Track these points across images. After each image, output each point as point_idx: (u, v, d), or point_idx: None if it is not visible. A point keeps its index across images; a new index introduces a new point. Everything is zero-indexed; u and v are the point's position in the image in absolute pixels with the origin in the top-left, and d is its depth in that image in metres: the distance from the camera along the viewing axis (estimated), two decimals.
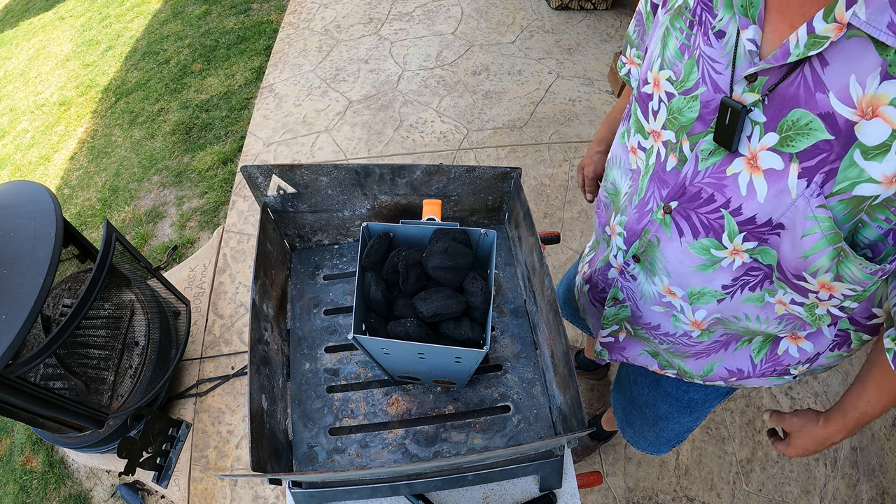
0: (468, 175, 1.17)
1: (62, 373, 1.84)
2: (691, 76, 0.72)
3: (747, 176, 0.68)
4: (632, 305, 1.04)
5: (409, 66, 3.55)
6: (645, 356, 1.17)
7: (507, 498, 1.05)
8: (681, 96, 0.74)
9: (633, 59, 1.05)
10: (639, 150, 0.89)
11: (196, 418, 2.16)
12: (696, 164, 0.74)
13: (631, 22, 1.03)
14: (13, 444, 2.27)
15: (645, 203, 0.88)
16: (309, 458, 1.05)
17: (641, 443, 1.44)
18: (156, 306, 2.11)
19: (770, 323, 0.85)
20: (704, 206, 0.76)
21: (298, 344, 1.19)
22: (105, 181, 3.16)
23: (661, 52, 0.78)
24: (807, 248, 0.66)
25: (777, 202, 0.66)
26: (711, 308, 0.87)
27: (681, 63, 0.73)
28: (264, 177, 1.12)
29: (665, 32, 0.77)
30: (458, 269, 0.93)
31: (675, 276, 0.87)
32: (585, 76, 3.47)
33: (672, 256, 0.85)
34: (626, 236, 0.96)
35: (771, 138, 0.64)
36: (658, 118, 0.80)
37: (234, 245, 2.67)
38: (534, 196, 2.83)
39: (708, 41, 0.69)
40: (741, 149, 0.68)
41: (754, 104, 0.65)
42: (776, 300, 0.80)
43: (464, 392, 1.12)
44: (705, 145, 0.72)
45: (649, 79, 0.81)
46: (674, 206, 0.80)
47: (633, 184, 0.93)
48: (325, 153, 3.06)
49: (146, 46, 4.05)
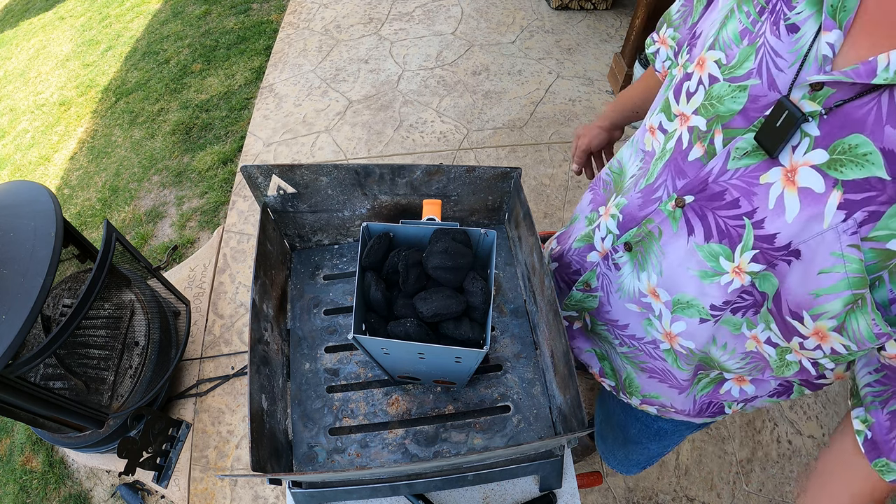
0: (468, 175, 1.17)
1: (62, 373, 1.84)
2: (745, 64, 0.65)
3: (780, 189, 0.62)
4: (602, 297, 0.98)
5: (409, 66, 3.55)
6: (591, 355, 1.12)
7: (507, 498, 1.05)
8: (726, 82, 0.67)
9: (665, 38, 0.98)
10: (658, 131, 0.82)
11: (196, 418, 2.16)
12: (725, 160, 0.67)
13: (677, 2, 0.95)
14: (13, 443, 2.27)
15: (653, 189, 0.81)
16: (309, 458, 1.05)
17: (611, 460, 1.44)
18: (156, 306, 2.11)
19: (734, 357, 0.81)
20: (726, 210, 0.69)
21: (298, 344, 1.19)
22: (105, 181, 3.16)
23: (716, 33, 0.71)
24: (821, 286, 0.60)
25: (804, 226, 0.60)
26: (691, 326, 0.81)
27: (737, 47, 0.66)
28: (264, 177, 1.12)
29: (728, 14, 0.70)
30: (458, 269, 0.93)
31: (667, 276, 0.81)
32: (585, 76, 3.47)
33: (672, 255, 0.79)
34: (620, 220, 0.89)
35: (819, 155, 0.58)
36: (691, 101, 0.73)
37: (234, 245, 2.67)
38: (534, 196, 2.83)
39: (776, 32, 0.62)
40: (782, 158, 0.61)
41: (812, 114, 0.58)
42: (751, 335, 0.75)
43: (464, 392, 1.12)
44: (742, 143, 0.65)
45: (694, 58, 0.74)
46: (688, 201, 0.73)
47: (643, 167, 0.87)
48: (325, 153, 3.06)
49: (146, 46, 4.05)
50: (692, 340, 0.83)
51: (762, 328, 0.72)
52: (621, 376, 1.07)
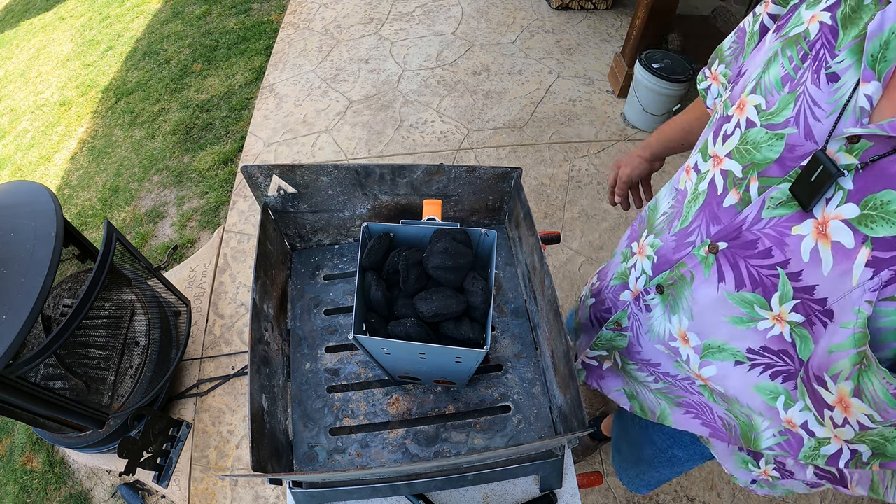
0: (468, 175, 1.17)
1: (63, 373, 1.84)
2: (784, 112, 0.63)
3: (812, 242, 0.60)
4: (632, 337, 0.97)
5: (410, 65, 3.55)
6: (620, 394, 1.11)
7: (508, 498, 1.05)
8: (763, 128, 0.65)
9: (717, 75, 0.95)
10: (693, 171, 0.81)
11: (196, 418, 2.16)
12: (760, 209, 0.66)
13: (729, 36, 0.93)
14: (14, 443, 2.27)
15: (687, 233, 0.80)
16: (309, 458, 1.05)
17: (623, 476, 1.43)
18: (156, 306, 2.12)
19: (764, 432, 0.79)
20: (759, 259, 0.67)
21: (299, 344, 1.19)
22: (105, 181, 3.16)
23: (758, 76, 0.69)
24: (833, 341, 0.59)
25: (838, 283, 0.58)
26: (724, 369, 0.79)
27: (778, 94, 0.64)
28: (265, 177, 1.12)
29: (771, 57, 0.68)
30: (459, 269, 0.93)
31: (699, 321, 0.79)
32: (586, 76, 3.47)
33: (703, 300, 0.77)
34: (655, 262, 0.88)
35: (850, 210, 0.56)
36: (726, 143, 0.72)
37: (235, 245, 2.67)
38: (534, 196, 2.83)
39: (817, 81, 0.60)
40: (815, 210, 0.60)
41: (847, 167, 0.56)
42: (787, 416, 0.72)
43: (464, 392, 1.12)
44: (777, 193, 0.63)
45: (735, 100, 0.72)
46: (722, 248, 0.72)
47: (675, 206, 0.86)
48: (325, 153, 3.06)
49: (146, 46, 4.05)
50: (723, 384, 0.81)
51: (799, 407, 0.70)
52: (655, 414, 1.05)
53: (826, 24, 0.61)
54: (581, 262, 2.58)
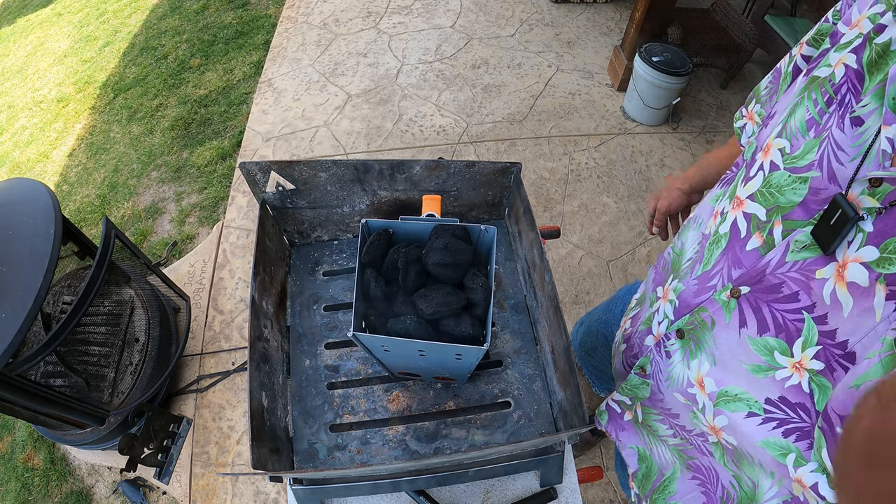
0: (468, 170, 1.16)
1: (63, 370, 1.84)
2: (808, 155, 0.63)
3: (832, 285, 0.59)
4: (654, 385, 0.95)
5: (408, 59, 3.53)
6: (632, 452, 1.09)
7: (508, 493, 1.05)
8: (786, 172, 0.65)
9: (753, 114, 0.95)
10: (720, 215, 0.80)
11: (197, 414, 2.16)
12: (784, 252, 0.65)
13: (766, 77, 0.92)
14: (15, 441, 2.27)
15: (709, 277, 0.79)
16: (310, 455, 1.05)
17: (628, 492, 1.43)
18: (156, 303, 2.11)
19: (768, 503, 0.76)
20: (783, 303, 0.66)
21: (298, 340, 1.19)
22: (104, 177, 3.16)
23: (784, 120, 0.68)
24: (860, 372, 0.57)
25: (859, 322, 0.57)
26: (735, 419, 0.77)
27: (803, 138, 0.64)
28: (263, 173, 1.12)
29: (798, 102, 0.67)
30: (458, 265, 0.93)
31: (719, 367, 0.77)
32: (585, 69, 3.45)
33: (724, 345, 0.75)
34: (677, 306, 0.87)
35: (869, 252, 0.56)
36: (748, 185, 0.71)
37: (234, 241, 2.67)
38: (534, 190, 2.83)
39: (842, 125, 0.60)
40: (837, 254, 0.59)
41: (869, 211, 0.55)
42: (797, 475, 0.69)
43: (464, 388, 1.12)
44: (801, 237, 0.63)
45: (762, 143, 0.72)
46: (744, 292, 0.71)
47: (699, 249, 0.85)
48: (324, 147, 3.05)
49: (144, 42, 4.03)
50: (734, 435, 0.79)
51: (811, 468, 0.67)
52: (664, 475, 1.02)
53: (852, 69, 0.61)
54: (581, 256, 2.58)
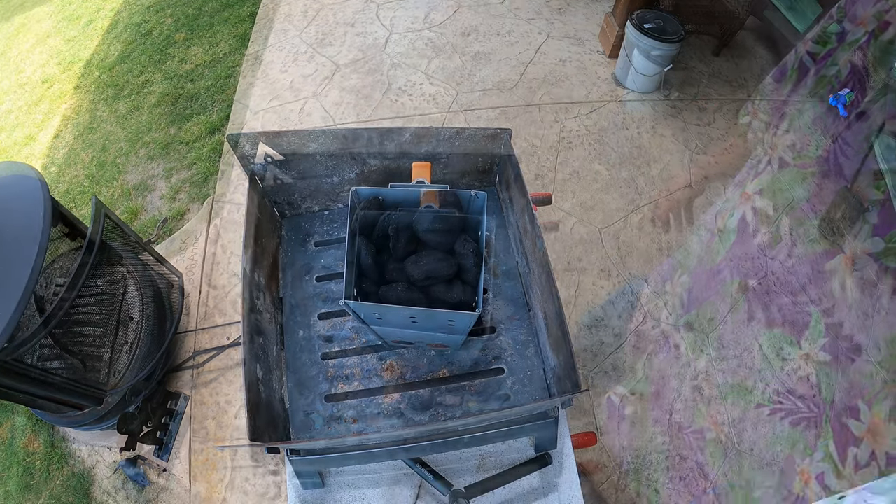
0: (458, 136, 1.15)
1: (58, 352, 1.84)
2: (816, 151, 0.64)
3: (840, 278, 0.60)
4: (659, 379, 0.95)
5: (397, 28, 3.48)
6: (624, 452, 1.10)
7: (503, 459, 1.06)
8: (794, 167, 0.66)
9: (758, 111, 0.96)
10: (729, 210, 0.80)
11: (194, 390, 2.17)
12: (792, 246, 0.66)
13: (771, 73, 0.92)
14: (14, 427, 2.28)
15: (717, 271, 0.80)
16: (306, 426, 1.05)
17: None
18: (148, 280, 2.10)
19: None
20: (792, 296, 0.66)
21: (291, 312, 1.18)
22: (92, 157, 3.12)
23: (792, 116, 0.69)
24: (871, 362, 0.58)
25: (866, 315, 0.58)
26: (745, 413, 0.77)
27: (811, 135, 0.65)
28: (251, 145, 1.10)
29: (805, 98, 0.68)
30: (449, 231, 0.92)
31: (727, 360, 0.78)
32: (576, 36, 3.41)
33: (731, 339, 0.76)
34: (685, 301, 0.88)
35: (876, 244, 0.56)
36: (757, 181, 0.72)
37: (225, 215, 2.65)
38: (525, 157, 2.81)
39: (847, 120, 0.61)
40: (844, 246, 0.59)
41: (873, 203, 0.56)
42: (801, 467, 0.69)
43: (458, 355, 1.12)
44: (809, 230, 0.64)
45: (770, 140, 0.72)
46: (752, 285, 0.71)
47: (708, 244, 0.85)
48: (313, 119, 3.01)
49: (128, 18, 3.94)
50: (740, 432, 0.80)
51: (818, 458, 0.68)
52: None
53: (858, 66, 0.61)
54: (573, 223, 2.58)
